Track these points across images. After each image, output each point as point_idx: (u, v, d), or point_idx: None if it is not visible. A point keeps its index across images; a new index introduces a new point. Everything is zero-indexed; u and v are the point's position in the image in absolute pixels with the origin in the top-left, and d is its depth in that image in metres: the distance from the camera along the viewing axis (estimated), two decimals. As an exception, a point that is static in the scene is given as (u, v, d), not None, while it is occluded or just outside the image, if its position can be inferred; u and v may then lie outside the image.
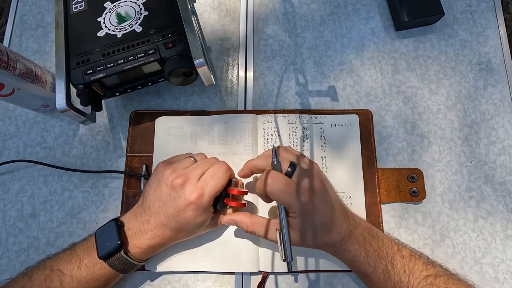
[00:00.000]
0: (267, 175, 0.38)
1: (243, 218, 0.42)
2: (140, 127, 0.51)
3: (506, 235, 0.47)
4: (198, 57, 0.42)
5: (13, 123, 0.53)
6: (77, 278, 0.39)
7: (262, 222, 0.41)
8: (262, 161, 0.41)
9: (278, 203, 0.39)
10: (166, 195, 0.40)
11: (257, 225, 0.41)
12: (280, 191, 0.37)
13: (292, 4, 0.57)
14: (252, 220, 0.41)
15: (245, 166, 0.42)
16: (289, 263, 0.37)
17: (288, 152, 0.41)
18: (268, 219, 0.41)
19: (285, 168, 0.39)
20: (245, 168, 0.42)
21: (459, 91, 0.53)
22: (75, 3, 0.47)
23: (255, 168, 0.42)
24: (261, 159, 0.41)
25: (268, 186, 0.38)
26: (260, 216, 0.42)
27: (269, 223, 0.40)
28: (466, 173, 0.49)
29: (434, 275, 0.38)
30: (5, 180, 0.50)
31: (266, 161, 0.41)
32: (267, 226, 0.40)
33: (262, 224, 0.41)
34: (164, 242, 0.41)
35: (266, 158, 0.41)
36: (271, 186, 0.37)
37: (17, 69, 0.43)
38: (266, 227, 0.40)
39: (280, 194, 0.37)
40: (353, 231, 0.40)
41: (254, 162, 0.42)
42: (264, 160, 0.41)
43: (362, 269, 0.39)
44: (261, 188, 0.39)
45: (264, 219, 0.41)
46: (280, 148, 0.42)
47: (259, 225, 0.41)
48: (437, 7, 0.53)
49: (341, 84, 0.53)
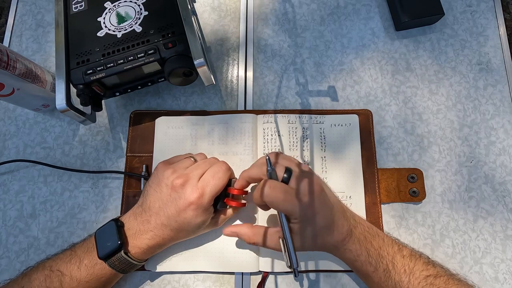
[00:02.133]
0: (264, 185, 0.38)
1: (245, 230, 0.41)
2: (140, 127, 0.51)
3: (506, 235, 0.47)
4: (198, 57, 0.42)
5: (13, 123, 0.53)
6: (77, 279, 0.39)
7: (264, 232, 0.40)
8: (256, 170, 0.41)
9: (279, 211, 0.39)
10: (166, 195, 0.40)
11: (259, 235, 0.40)
12: (279, 199, 0.37)
13: (292, 4, 0.57)
14: (253, 231, 0.41)
15: (240, 177, 0.42)
16: (295, 270, 0.37)
17: (281, 158, 0.41)
18: (269, 228, 0.41)
19: (280, 175, 0.39)
20: (240, 179, 0.42)
21: (459, 91, 0.53)
22: (75, 3, 0.47)
23: (250, 179, 0.41)
24: (255, 168, 0.41)
25: (266, 196, 0.37)
26: (261, 226, 0.42)
27: (270, 232, 0.40)
28: (466, 173, 0.49)
29: (435, 275, 0.38)
30: (5, 180, 0.50)
31: (260, 170, 0.40)
32: (269, 235, 0.40)
33: (264, 234, 0.40)
34: (164, 242, 0.41)
35: (260, 167, 0.41)
36: (269, 196, 0.37)
37: (17, 69, 0.43)
38: (268, 236, 0.40)
39: (280, 202, 0.37)
40: (354, 231, 0.40)
41: (249, 172, 0.41)
42: (258, 169, 0.41)
43: (364, 269, 0.39)
44: (258, 198, 0.39)
45: (265, 229, 0.41)
46: (273, 155, 0.41)
47: (261, 235, 0.40)
48: (437, 7, 0.53)
49: (341, 84, 0.53)
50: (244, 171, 0.42)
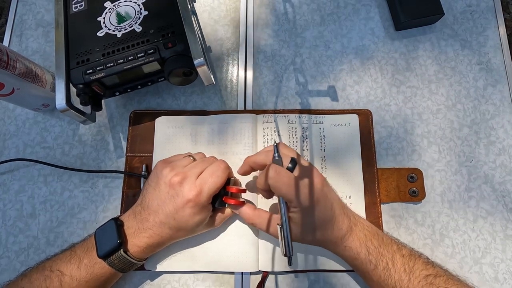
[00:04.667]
0: (268, 169, 0.38)
1: (246, 209, 0.42)
2: (140, 127, 0.51)
3: (506, 235, 0.47)
4: (198, 57, 0.42)
5: (13, 122, 0.53)
6: (77, 278, 0.39)
7: (264, 215, 0.41)
8: (262, 156, 0.41)
9: (280, 198, 0.39)
10: (164, 193, 0.40)
11: (259, 217, 0.41)
12: (283, 184, 0.37)
13: (292, 4, 0.57)
14: (254, 212, 0.42)
15: (244, 162, 0.43)
16: (290, 257, 0.38)
17: (288, 149, 0.42)
18: (271, 213, 0.42)
19: (286, 164, 0.39)
20: (245, 164, 0.43)
21: (459, 91, 0.53)
22: (75, 3, 0.47)
23: (255, 164, 0.42)
24: (261, 154, 0.42)
25: (270, 179, 0.38)
26: (263, 210, 0.43)
27: (270, 217, 0.41)
28: (465, 173, 0.49)
29: (434, 274, 0.38)
30: (5, 180, 0.50)
31: (266, 156, 0.41)
32: (269, 220, 0.41)
33: (264, 217, 0.41)
34: (163, 240, 0.41)
35: (266, 154, 0.41)
36: (273, 179, 0.38)
37: (17, 68, 0.43)
38: (267, 220, 0.41)
39: (283, 187, 0.37)
40: (354, 228, 0.40)
41: (254, 157, 0.42)
42: (264, 155, 0.41)
43: (363, 267, 0.39)
44: (262, 182, 0.39)
45: (266, 213, 0.42)
46: (280, 145, 0.42)
47: (261, 218, 0.41)
48: (437, 7, 0.53)
49: (341, 84, 0.53)
50: (249, 156, 0.43)
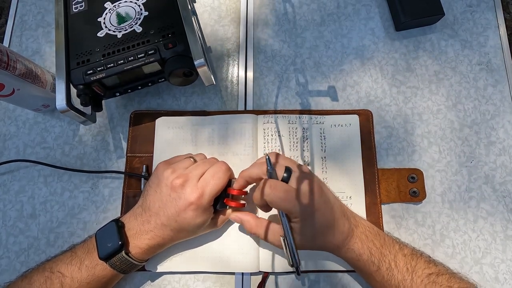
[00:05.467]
0: (264, 184, 0.38)
1: (249, 219, 0.42)
2: (140, 127, 0.51)
3: (506, 235, 0.47)
4: (198, 58, 0.42)
5: (13, 123, 0.53)
6: (78, 280, 0.39)
7: (267, 226, 0.41)
8: (256, 170, 0.41)
9: (279, 211, 0.39)
10: (166, 195, 0.40)
11: (262, 228, 0.41)
12: (280, 199, 0.37)
13: (292, 4, 0.57)
14: (257, 223, 0.41)
15: (239, 177, 0.42)
16: (298, 268, 0.38)
17: (281, 158, 0.41)
18: (273, 223, 0.41)
19: (280, 174, 0.39)
20: (240, 179, 0.42)
21: (459, 91, 0.53)
22: (75, 3, 0.47)
23: (250, 178, 0.41)
24: (255, 168, 0.41)
25: (267, 196, 0.37)
26: (266, 220, 0.42)
27: (273, 228, 0.40)
28: (466, 174, 0.49)
29: (437, 273, 0.38)
30: (5, 180, 0.50)
31: (260, 169, 0.40)
32: (271, 230, 0.40)
33: (267, 228, 0.40)
34: (164, 242, 0.41)
35: (259, 166, 0.41)
36: (270, 195, 0.37)
37: (17, 69, 0.43)
38: (270, 231, 0.40)
39: (281, 202, 0.37)
40: (355, 230, 0.40)
41: (249, 172, 0.41)
42: (258, 168, 0.41)
43: (366, 268, 0.39)
44: (259, 198, 0.39)
45: (269, 223, 0.41)
46: (273, 155, 0.41)
47: (264, 228, 0.41)
48: (437, 7, 0.53)
49: (341, 84, 0.53)
50: (243, 171, 0.42)
